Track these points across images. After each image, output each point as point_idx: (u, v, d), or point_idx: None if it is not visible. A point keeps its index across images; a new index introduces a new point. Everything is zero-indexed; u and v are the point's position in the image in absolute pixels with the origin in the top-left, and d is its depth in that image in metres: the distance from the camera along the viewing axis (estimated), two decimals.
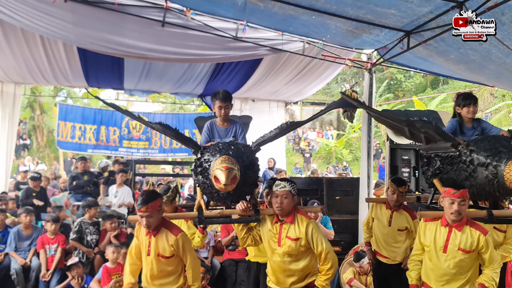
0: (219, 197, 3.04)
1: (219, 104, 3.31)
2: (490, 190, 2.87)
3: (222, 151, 2.90)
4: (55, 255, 4.97)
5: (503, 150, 2.82)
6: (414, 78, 23.15)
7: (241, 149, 3.02)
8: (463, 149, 2.99)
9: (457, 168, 3.03)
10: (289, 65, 7.22)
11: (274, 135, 3.18)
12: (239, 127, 3.45)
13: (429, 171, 3.45)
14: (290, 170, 16.24)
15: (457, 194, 2.77)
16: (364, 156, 6.15)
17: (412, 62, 6.02)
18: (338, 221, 5.77)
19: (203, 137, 3.38)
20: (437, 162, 3.30)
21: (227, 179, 2.66)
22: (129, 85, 8.27)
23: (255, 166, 3.13)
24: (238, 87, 8.34)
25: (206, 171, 2.92)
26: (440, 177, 3.27)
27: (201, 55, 6.01)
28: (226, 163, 2.73)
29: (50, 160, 17.36)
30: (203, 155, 2.99)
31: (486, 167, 2.84)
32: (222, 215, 3.13)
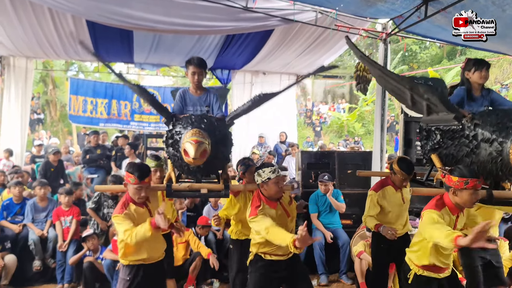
0: (189, 171, 3.02)
1: (193, 70, 3.24)
2: (493, 169, 2.68)
3: (194, 124, 2.86)
4: (70, 226, 5.08)
5: (511, 126, 2.60)
6: (430, 49, 22.55)
7: (214, 123, 2.97)
8: (467, 122, 2.78)
9: (458, 143, 2.84)
10: (300, 36, 7.06)
11: (248, 108, 3.10)
12: (213, 97, 3.36)
13: (427, 145, 3.25)
14: (302, 144, 16.17)
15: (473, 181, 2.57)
16: (378, 129, 6.06)
17: (429, 32, 5.83)
18: (350, 195, 5.75)
19: (175, 106, 3.31)
20: (437, 136, 3.10)
21: (196, 153, 2.63)
22: (139, 59, 8.22)
23: (228, 141, 3.10)
24: (248, 59, 8.23)
25: (177, 143, 2.89)
26: (438, 152, 3.09)
27: (211, 27, 5.90)
28: (196, 137, 2.70)
29: (63, 134, 17.54)
30: (175, 126, 2.95)
31: (491, 144, 2.63)
32: (191, 189, 3.11)
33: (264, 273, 3.12)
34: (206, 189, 3.15)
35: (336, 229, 5.44)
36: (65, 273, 4.88)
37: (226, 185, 3.17)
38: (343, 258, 5.28)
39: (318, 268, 5.23)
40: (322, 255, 5.24)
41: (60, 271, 4.90)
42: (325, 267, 5.23)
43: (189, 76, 3.30)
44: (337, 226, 5.50)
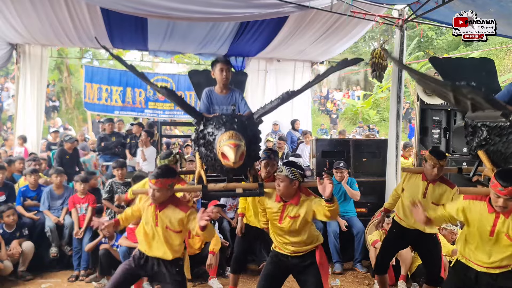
0: (222, 170, 3.02)
1: (221, 66, 3.24)
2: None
3: (227, 125, 2.85)
4: (86, 214, 5.15)
5: None
6: (446, 35, 22.11)
7: (245, 122, 2.97)
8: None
9: (506, 140, 2.80)
10: (315, 23, 6.97)
11: (276, 105, 3.09)
12: (239, 95, 3.38)
13: (473, 141, 3.20)
14: (316, 131, 16.10)
15: (504, 192, 2.49)
16: (393, 117, 5.97)
17: (447, 18, 5.68)
18: (365, 183, 5.71)
19: (202, 105, 3.31)
20: (483, 132, 3.05)
21: (236, 157, 2.63)
22: (153, 46, 8.22)
23: (258, 139, 3.10)
24: (263, 47, 8.17)
25: (210, 144, 2.89)
26: (486, 149, 3.04)
27: (225, 14, 5.84)
28: (234, 140, 2.70)
29: (78, 122, 17.74)
30: (206, 127, 2.94)
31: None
32: (226, 189, 3.11)
33: (272, 260, 3.24)
34: (241, 188, 3.16)
35: (351, 218, 5.42)
36: (81, 260, 4.96)
37: (260, 183, 3.17)
38: (357, 246, 5.27)
39: (333, 256, 5.23)
40: (337, 243, 5.24)
41: (76, 258, 4.98)
42: (340, 256, 5.24)
43: (216, 75, 3.30)
44: (351, 214, 5.48)
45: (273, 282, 3.23)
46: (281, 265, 3.22)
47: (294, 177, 2.96)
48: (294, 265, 3.18)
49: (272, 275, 3.23)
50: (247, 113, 3.21)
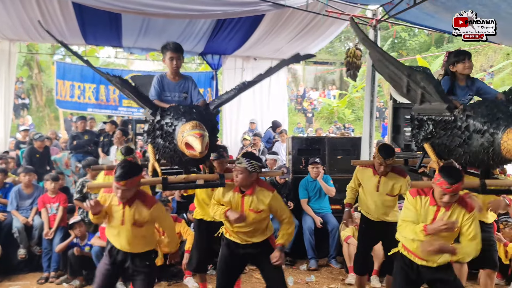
0: (180, 162, 3.00)
1: (171, 55, 3.16)
2: (484, 158, 2.73)
3: (186, 115, 2.81)
4: (57, 213, 5.02)
5: (501, 117, 2.65)
6: (418, 37, 22.62)
7: (203, 113, 2.94)
8: (459, 113, 2.82)
9: (451, 134, 2.88)
10: (291, 21, 7.01)
11: (232, 96, 3.13)
12: (191, 84, 3.32)
13: (420, 134, 3.29)
14: (292, 130, 16.20)
15: (451, 189, 2.62)
16: (367, 115, 6.08)
17: (418, 19, 5.83)
18: (339, 180, 5.77)
19: (153, 91, 3.22)
20: (429, 126, 3.13)
21: (202, 147, 2.59)
22: (127, 43, 8.08)
23: (216, 130, 3.11)
24: (239, 45, 8.15)
25: (169, 135, 2.83)
26: (431, 142, 3.14)
27: (201, 11, 5.82)
28: (198, 130, 2.66)
29: (50, 120, 17.31)
30: (163, 118, 2.88)
31: (482, 134, 2.68)
32: (187, 181, 3.08)
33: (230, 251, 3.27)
34: (202, 179, 3.13)
35: (326, 214, 5.49)
36: (52, 261, 4.83)
37: (221, 174, 3.17)
38: (332, 242, 5.34)
39: (308, 253, 5.29)
40: (312, 240, 5.30)
41: (46, 259, 4.85)
42: (315, 252, 5.30)
43: (166, 62, 3.23)
44: (326, 211, 5.55)
45: (233, 270, 3.28)
46: (237, 253, 3.25)
47: (253, 169, 3.02)
48: (249, 254, 3.22)
49: (228, 261, 3.27)
50: (202, 102, 3.17)
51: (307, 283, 4.77)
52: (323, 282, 4.82)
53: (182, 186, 3.24)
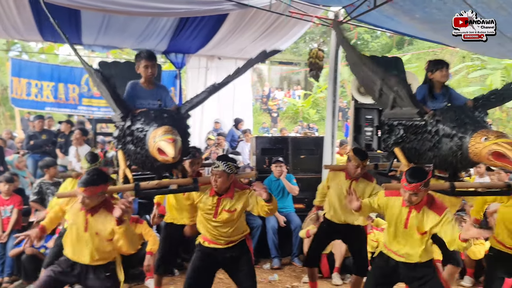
0: (152, 167, 2.96)
1: (145, 63, 3.14)
2: (453, 162, 2.88)
3: (158, 120, 2.79)
4: (11, 216, 4.81)
5: (468, 122, 2.82)
6: (380, 39, 23.24)
7: (174, 117, 2.94)
8: (429, 118, 2.96)
9: (422, 138, 3.02)
10: (255, 21, 7.02)
11: (203, 99, 3.14)
12: (164, 91, 3.32)
13: (390, 139, 3.42)
14: (257, 130, 16.24)
15: (408, 187, 2.72)
16: (329, 116, 6.17)
17: (378, 21, 5.96)
18: (303, 179, 5.85)
19: (127, 98, 3.18)
20: (400, 131, 3.27)
21: (176, 152, 2.57)
22: (87, 40, 7.85)
23: (187, 134, 3.09)
24: (203, 44, 8.09)
25: (140, 141, 2.80)
26: (401, 146, 3.26)
27: (163, 9, 5.73)
28: (171, 134, 2.64)
29: (5, 119, 16.61)
30: (134, 123, 2.85)
31: (451, 139, 2.82)
32: (160, 186, 3.05)
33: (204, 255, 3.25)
34: (176, 184, 3.11)
35: (289, 213, 5.54)
36: (5, 265, 4.64)
37: (195, 178, 3.15)
38: (295, 241, 5.40)
39: (271, 252, 5.32)
40: (275, 239, 5.33)
41: None
42: (278, 251, 5.33)
43: (141, 71, 3.20)
44: (290, 210, 5.60)
45: (203, 278, 3.24)
46: (210, 260, 3.24)
47: (230, 171, 3.04)
48: (225, 258, 3.22)
49: (201, 271, 3.23)
50: (174, 107, 3.16)
51: (270, 282, 4.80)
52: (286, 281, 4.87)
53: (155, 192, 3.21)
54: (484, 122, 2.94)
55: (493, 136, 2.64)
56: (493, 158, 2.61)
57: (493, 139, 2.62)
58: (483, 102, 3.16)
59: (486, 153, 2.63)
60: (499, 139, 2.61)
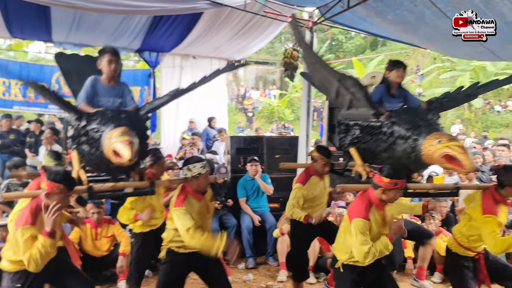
0: (107, 169, 2.90)
1: (109, 58, 3.05)
2: (407, 163, 2.93)
3: (114, 121, 2.72)
4: None
5: (423, 124, 2.88)
6: (354, 39, 23.59)
7: (133, 118, 2.87)
8: (385, 120, 3.00)
9: (377, 139, 3.05)
10: (230, 20, 7.00)
11: (165, 102, 3.11)
12: (126, 89, 3.22)
13: (346, 139, 3.46)
14: (233, 129, 16.22)
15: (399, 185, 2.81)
16: (304, 115, 6.21)
17: (352, 22, 6.04)
18: (278, 179, 5.86)
19: (85, 94, 3.08)
20: (356, 131, 3.31)
21: (132, 154, 2.51)
22: (58, 37, 7.66)
23: (146, 136, 3.04)
24: (177, 42, 8.01)
25: (96, 141, 2.73)
26: (357, 147, 3.30)
27: (137, 7, 5.63)
28: (127, 136, 2.57)
29: None
30: (89, 123, 2.78)
31: (406, 140, 2.87)
32: (115, 189, 2.96)
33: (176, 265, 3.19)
34: (132, 187, 3.04)
35: (264, 213, 5.55)
36: None
37: (152, 182, 3.09)
38: (270, 240, 5.41)
39: (246, 252, 5.32)
40: (250, 238, 5.34)
41: None
42: (253, 250, 5.34)
43: (104, 66, 3.09)
44: (265, 209, 5.62)
45: (175, 283, 3.21)
46: (182, 264, 3.20)
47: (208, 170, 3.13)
48: (202, 261, 3.16)
49: (173, 276, 3.20)
50: (133, 108, 3.08)
51: (244, 282, 4.80)
52: (260, 280, 4.87)
53: (110, 194, 3.10)
54: (437, 125, 3.01)
55: (445, 139, 2.71)
56: (445, 161, 2.68)
57: (445, 142, 2.68)
58: (436, 105, 3.23)
59: (438, 156, 2.69)
60: (450, 142, 2.68)
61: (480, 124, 16.74)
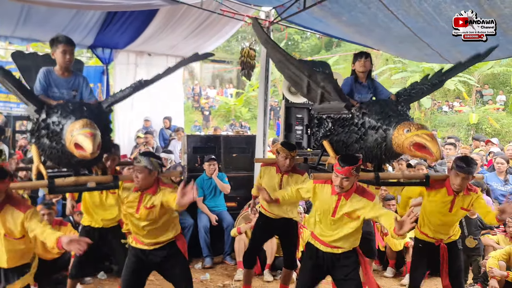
0: (69, 164, 2.83)
1: (64, 48, 2.94)
2: (378, 153, 2.98)
3: (76, 113, 2.65)
4: None
5: (392, 115, 2.93)
6: (310, 40, 23.99)
7: (95, 111, 2.81)
8: (356, 111, 3.04)
9: (349, 131, 3.10)
10: (187, 18, 6.92)
11: (127, 94, 3.06)
12: (83, 81, 3.13)
13: (319, 132, 3.50)
14: (189, 128, 16.07)
15: (341, 171, 2.81)
16: (261, 114, 6.27)
17: (308, 23, 6.15)
18: (235, 178, 5.88)
19: (38, 86, 2.98)
20: (328, 124, 3.35)
21: (94, 147, 2.46)
22: (4, 31, 7.28)
23: (109, 129, 2.99)
24: (132, 39, 7.83)
25: (57, 135, 2.66)
26: (330, 139, 3.33)
27: (89, 2, 5.46)
28: (89, 128, 2.52)
29: None
30: (49, 116, 2.70)
31: (377, 131, 2.92)
32: (77, 183, 2.89)
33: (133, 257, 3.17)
34: (94, 182, 2.95)
35: (221, 212, 5.54)
36: None
37: (115, 176, 3.02)
38: (227, 240, 5.41)
39: (203, 251, 5.30)
40: (207, 238, 5.32)
41: None
42: (210, 250, 5.32)
43: (58, 56, 2.97)
44: (222, 208, 5.61)
45: (136, 280, 3.17)
46: (141, 262, 3.18)
47: (153, 168, 2.96)
48: (153, 260, 3.16)
49: (134, 272, 3.17)
50: (94, 101, 3.01)
51: (201, 282, 4.77)
52: (217, 280, 4.86)
53: (72, 189, 3.03)
54: (406, 115, 3.06)
55: (414, 128, 2.76)
56: (414, 149, 2.73)
57: (414, 131, 2.74)
58: (405, 97, 3.30)
59: (408, 144, 2.74)
60: (419, 130, 2.73)
61: (429, 123, 17.49)
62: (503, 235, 4.90)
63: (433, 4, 3.88)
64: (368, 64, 3.42)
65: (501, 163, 5.68)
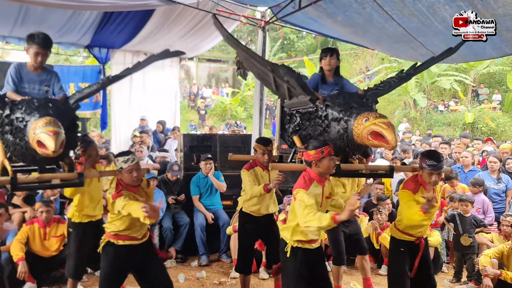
0: (33, 160, 2.81)
1: (36, 50, 2.94)
2: (341, 145, 2.94)
3: (40, 110, 2.65)
4: None
5: (354, 106, 2.88)
6: (306, 39, 24.06)
7: (60, 107, 2.79)
8: (320, 104, 3.00)
9: (314, 124, 3.07)
10: (183, 18, 6.97)
11: (95, 90, 3.07)
12: (55, 77, 3.13)
13: (290, 128, 3.48)
14: (185, 127, 16.10)
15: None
16: (257, 113, 6.33)
17: (303, 23, 6.21)
18: (231, 176, 5.91)
19: (9, 81, 2.97)
20: (297, 119, 3.32)
21: (57, 145, 2.45)
22: (2, 31, 7.29)
23: (75, 126, 2.98)
24: (128, 39, 7.86)
25: (20, 131, 2.65)
26: (299, 134, 3.30)
27: (86, 2, 5.49)
28: (52, 126, 2.50)
29: None
30: (13, 111, 2.69)
31: (339, 122, 2.89)
32: (40, 180, 2.85)
33: (117, 258, 3.16)
34: (59, 179, 2.93)
35: (217, 210, 5.60)
36: None
37: (80, 173, 3.00)
38: (223, 238, 5.46)
39: (199, 249, 5.35)
40: (203, 236, 5.36)
41: None
42: (206, 248, 5.37)
43: (30, 55, 2.98)
44: (218, 207, 5.66)
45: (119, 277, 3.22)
46: (126, 261, 3.20)
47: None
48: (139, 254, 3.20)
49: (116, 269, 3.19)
50: (61, 97, 2.97)
51: (198, 279, 4.82)
52: (213, 277, 4.91)
53: (36, 186, 2.95)
54: (369, 107, 3.00)
55: (372, 117, 2.73)
56: (372, 138, 2.70)
57: (372, 120, 2.71)
58: (373, 92, 3.21)
59: (366, 133, 2.72)
60: (377, 119, 2.70)
61: (425, 123, 17.58)
62: (497, 233, 4.96)
63: (427, 4, 3.95)
64: (333, 61, 3.34)
65: (494, 162, 5.76)
